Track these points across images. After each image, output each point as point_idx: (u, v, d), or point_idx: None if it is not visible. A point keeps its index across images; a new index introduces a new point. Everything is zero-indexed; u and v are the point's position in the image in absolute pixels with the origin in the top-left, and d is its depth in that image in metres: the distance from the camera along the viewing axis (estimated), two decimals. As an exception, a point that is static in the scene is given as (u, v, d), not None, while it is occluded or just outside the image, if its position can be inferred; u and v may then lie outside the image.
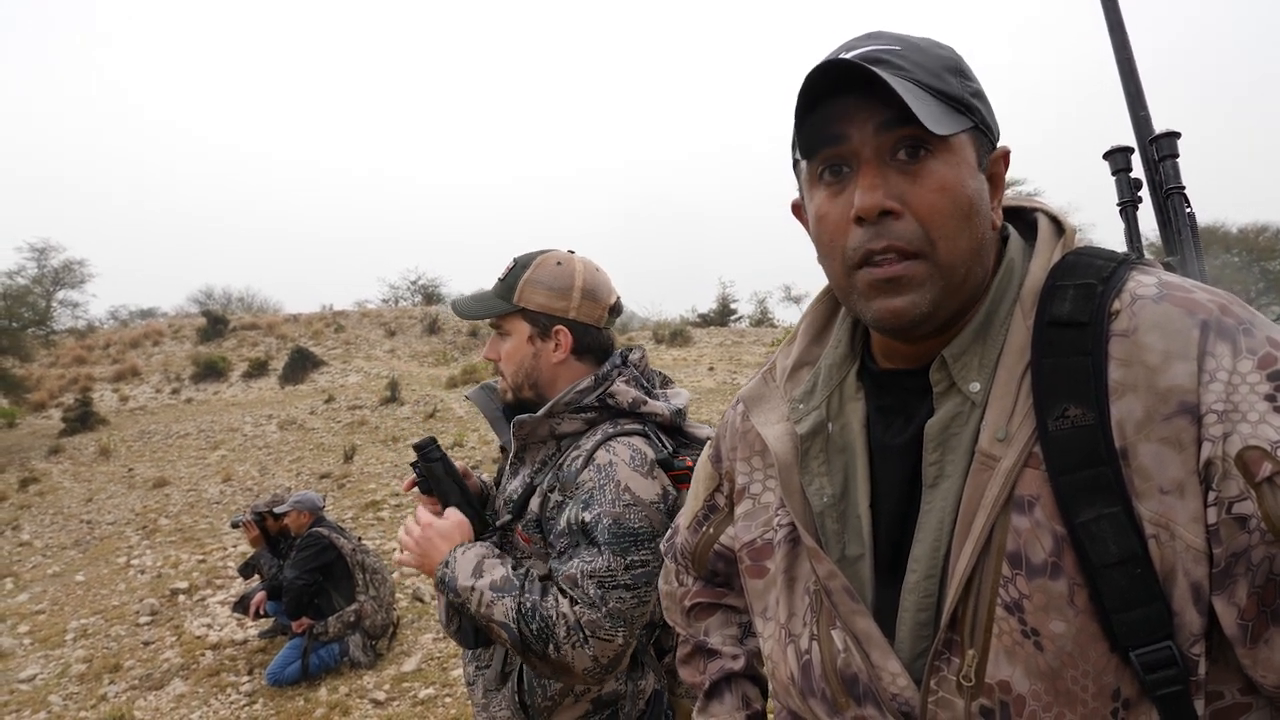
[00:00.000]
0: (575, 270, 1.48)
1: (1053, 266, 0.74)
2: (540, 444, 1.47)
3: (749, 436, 0.91)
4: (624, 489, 1.32)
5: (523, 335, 1.48)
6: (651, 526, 1.32)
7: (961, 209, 0.71)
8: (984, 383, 0.72)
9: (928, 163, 0.71)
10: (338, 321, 20.92)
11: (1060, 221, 0.79)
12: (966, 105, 0.73)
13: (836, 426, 0.82)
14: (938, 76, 0.72)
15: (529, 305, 1.46)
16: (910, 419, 0.77)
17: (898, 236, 0.71)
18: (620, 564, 1.29)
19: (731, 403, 0.97)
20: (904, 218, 0.71)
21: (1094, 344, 0.67)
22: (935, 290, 0.72)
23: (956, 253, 0.72)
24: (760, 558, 0.86)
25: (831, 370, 0.85)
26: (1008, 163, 0.77)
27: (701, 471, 1.01)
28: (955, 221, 0.71)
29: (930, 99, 0.70)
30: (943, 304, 0.73)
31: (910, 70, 0.71)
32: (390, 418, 11.83)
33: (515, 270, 1.50)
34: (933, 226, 0.71)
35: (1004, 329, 0.74)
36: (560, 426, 1.44)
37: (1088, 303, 0.70)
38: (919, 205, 0.71)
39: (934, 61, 0.73)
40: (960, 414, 0.73)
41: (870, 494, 0.78)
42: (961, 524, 0.70)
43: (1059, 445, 0.66)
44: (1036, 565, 0.66)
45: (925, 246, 0.71)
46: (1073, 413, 0.66)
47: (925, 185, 0.71)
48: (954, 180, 0.71)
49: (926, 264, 0.71)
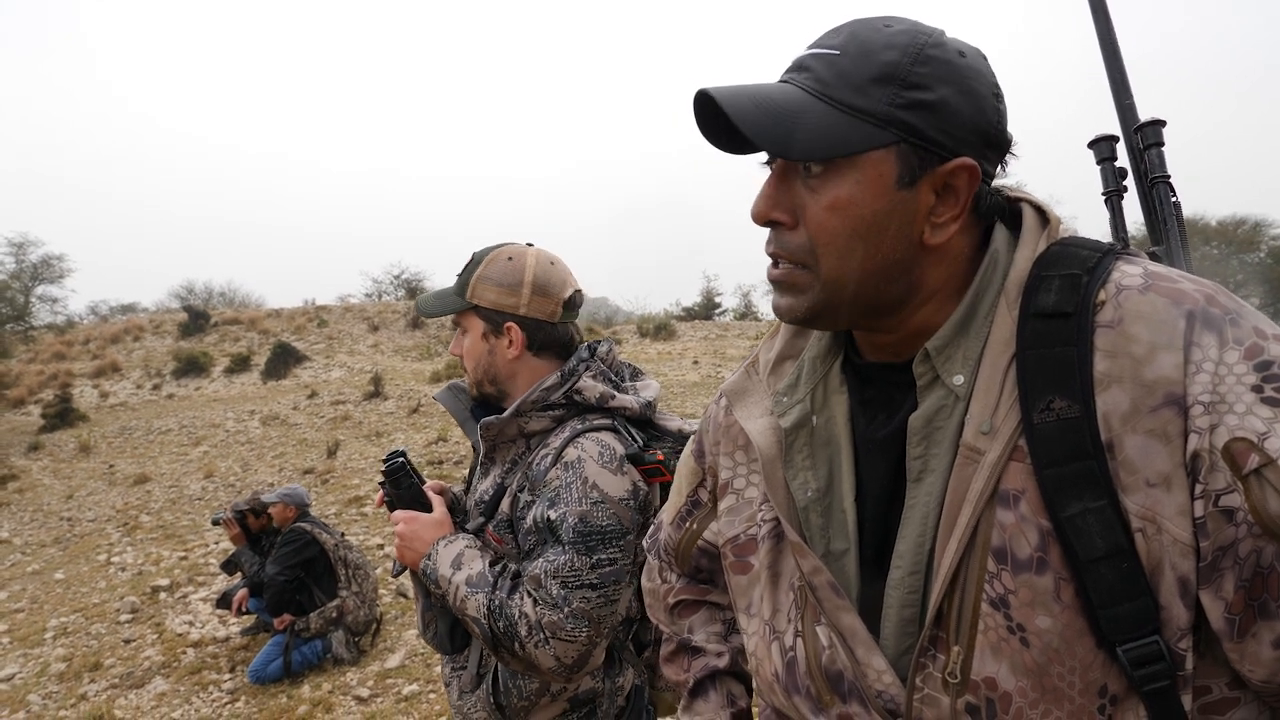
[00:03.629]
0: (526, 265, 1.46)
1: (1038, 257, 0.73)
2: (509, 443, 1.46)
3: (732, 431, 0.90)
4: (592, 486, 1.31)
5: (478, 332, 1.47)
6: (620, 524, 1.31)
7: (852, 229, 0.71)
8: (968, 375, 0.71)
9: (827, 178, 0.71)
10: (320, 316, 20.77)
11: (1045, 212, 0.78)
12: (887, 119, 0.69)
13: (820, 420, 0.81)
14: (858, 89, 0.69)
15: (480, 302, 1.45)
16: (894, 412, 0.76)
17: (783, 246, 0.74)
18: (585, 563, 1.28)
19: (714, 397, 0.96)
20: (797, 228, 0.73)
21: (1079, 335, 0.67)
22: (815, 299, 0.73)
23: (843, 270, 0.72)
24: (744, 553, 0.85)
25: (815, 363, 0.84)
26: (974, 175, 0.72)
27: (684, 467, 1.00)
28: (844, 240, 0.71)
29: (833, 114, 0.68)
30: (825, 313, 0.74)
31: (825, 82, 0.69)
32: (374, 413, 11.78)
33: (470, 266, 1.48)
34: (819, 243, 0.72)
35: (988, 321, 0.73)
36: (528, 425, 1.43)
37: (1073, 294, 0.69)
38: (809, 220, 0.72)
39: (865, 71, 0.69)
40: (944, 407, 0.72)
41: (855, 488, 0.77)
42: (946, 519, 0.69)
43: (1044, 438, 0.65)
44: (1022, 560, 0.66)
45: (808, 259, 0.73)
46: (1058, 405, 0.65)
47: (819, 201, 0.71)
48: (847, 199, 0.70)
49: (808, 274, 0.73)
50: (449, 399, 1.58)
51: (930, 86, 0.69)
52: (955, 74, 0.70)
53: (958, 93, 0.70)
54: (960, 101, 0.70)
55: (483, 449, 1.47)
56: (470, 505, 1.51)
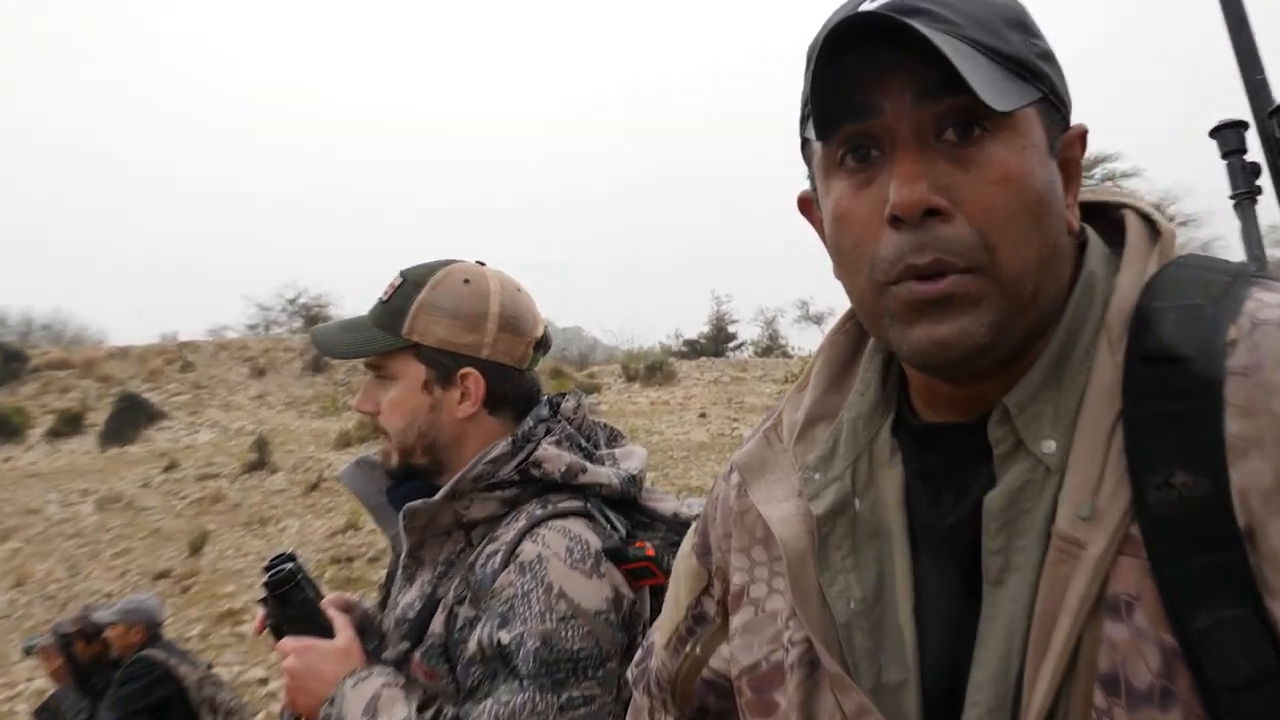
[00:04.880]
0: (489, 291, 1.48)
1: (1147, 282, 0.76)
2: (443, 537, 1.45)
3: (747, 519, 0.91)
4: (558, 595, 1.31)
5: (415, 381, 1.47)
6: (598, 646, 1.31)
7: (1029, 207, 0.72)
8: (1061, 440, 0.73)
9: (985, 145, 0.72)
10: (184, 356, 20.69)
11: (1155, 222, 0.81)
12: (1033, 70, 0.74)
13: (865, 503, 0.82)
14: (995, 32, 0.73)
15: (425, 340, 1.46)
16: (964, 491, 0.77)
17: (947, 245, 0.71)
18: (551, 703, 1.27)
19: (723, 471, 0.97)
20: (955, 219, 0.72)
21: (1204, 386, 0.68)
22: (995, 314, 0.72)
23: (1022, 265, 0.72)
24: (766, 688, 0.86)
25: (857, 426, 0.85)
26: (1085, 145, 0.78)
27: (683, 567, 1.01)
28: (1021, 224, 0.72)
29: (985, 61, 0.71)
30: (1005, 333, 0.73)
31: (958, 23, 0.72)
32: (257, 491, 11.67)
33: (404, 290, 1.49)
34: (992, 230, 0.71)
35: (1085, 367, 0.75)
36: (469, 512, 1.43)
37: (1194, 330, 0.70)
38: (974, 202, 0.72)
39: (989, 11, 0.74)
40: (1031, 483, 0.73)
41: (913, 596, 0.78)
42: (1037, 636, 0.69)
43: (1163, 524, 0.67)
44: (1140, 691, 0.66)
45: (982, 257, 0.72)
46: (1180, 480, 0.67)
47: (983, 175, 0.72)
48: (1020, 169, 0.72)
49: (984, 279, 0.72)
50: (356, 478, 1.57)
51: (1045, 38, 0.76)
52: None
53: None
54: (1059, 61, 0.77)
55: (405, 546, 1.46)
56: (389, 625, 1.50)
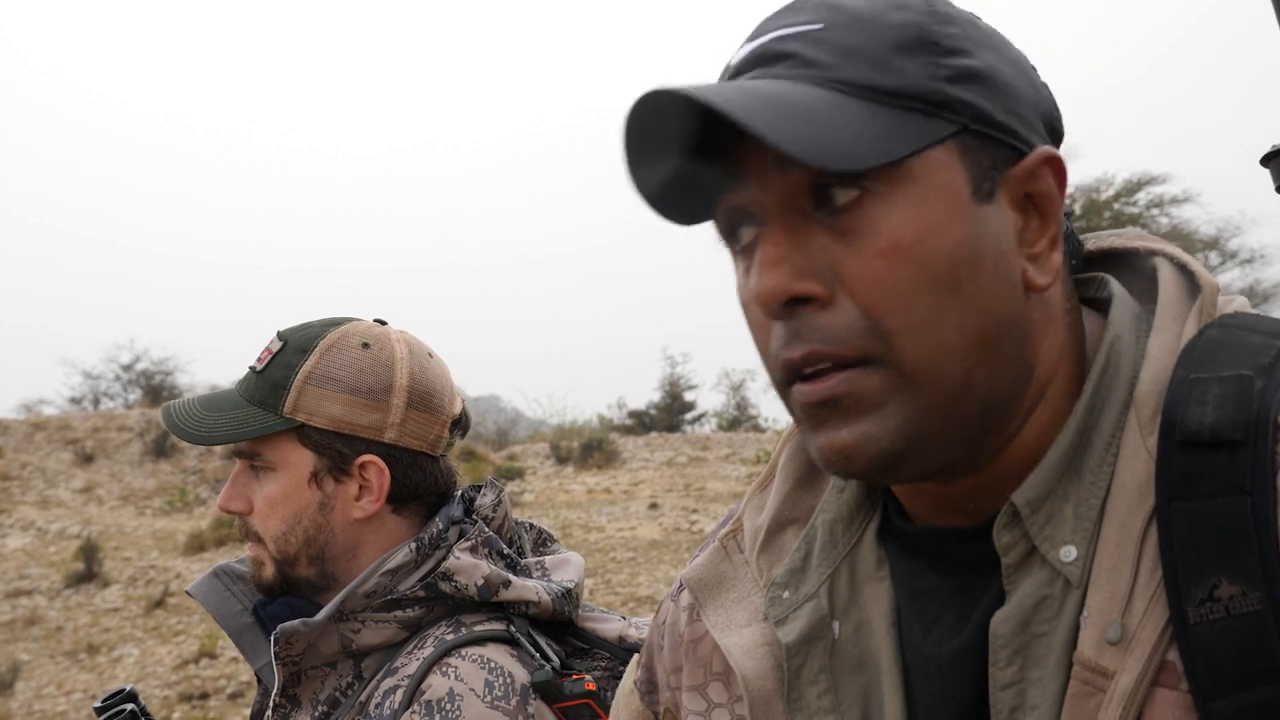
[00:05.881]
0: (395, 357, 1.49)
1: (1184, 347, 0.78)
2: (325, 670, 1.45)
3: (701, 649, 0.92)
4: None
5: (300, 472, 1.48)
6: None
7: (934, 277, 0.74)
8: (1082, 546, 0.75)
9: (868, 209, 0.74)
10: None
11: (1194, 273, 0.83)
12: (938, 101, 0.74)
13: (847, 628, 0.83)
14: (880, 65, 0.74)
15: (313, 420, 1.46)
16: (967, 610, 0.79)
17: (828, 335, 0.75)
18: None
19: (672, 590, 0.98)
20: (835, 303, 0.74)
21: (1255, 477, 0.70)
22: (905, 415, 0.74)
23: (935, 350, 0.74)
24: None
25: (835, 531, 0.86)
26: (1062, 172, 0.79)
27: (625, 708, 1.01)
28: (925, 299, 0.74)
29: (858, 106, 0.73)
30: (931, 438, 0.75)
31: (827, 64, 0.75)
32: (84, 610, 11.44)
33: (285, 356, 1.50)
34: (884, 312, 0.74)
35: (1111, 455, 0.77)
36: (359, 636, 1.43)
37: (1242, 408, 0.73)
38: (857, 281, 0.74)
39: (876, 39, 0.75)
40: (1047, 599, 0.75)
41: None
42: None
43: (1207, 648, 0.69)
44: None
45: (876, 345, 0.74)
46: (1226, 592, 0.69)
47: (866, 247, 0.74)
48: (916, 231, 0.74)
49: (882, 372, 0.74)
50: (214, 594, 1.56)
51: (971, 51, 0.76)
52: (987, 38, 0.79)
53: (1002, 61, 0.78)
54: (1010, 73, 0.78)
55: (278, 681, 1.45)
56: None
